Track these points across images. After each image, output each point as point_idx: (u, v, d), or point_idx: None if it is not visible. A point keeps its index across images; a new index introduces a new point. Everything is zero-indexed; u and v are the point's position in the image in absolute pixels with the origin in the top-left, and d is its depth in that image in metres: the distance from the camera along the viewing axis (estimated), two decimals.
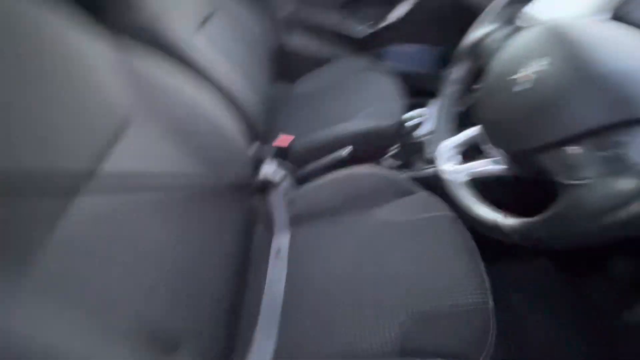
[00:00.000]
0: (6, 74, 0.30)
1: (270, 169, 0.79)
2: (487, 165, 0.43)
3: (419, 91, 1.44)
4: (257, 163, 0.84)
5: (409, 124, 0.89)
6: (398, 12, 1.24)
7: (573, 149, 0.29)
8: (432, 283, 0.55)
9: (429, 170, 0.81)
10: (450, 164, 0.47)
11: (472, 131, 0.47)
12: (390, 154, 0.94)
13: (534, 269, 0.86)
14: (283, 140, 0.90)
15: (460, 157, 0.48)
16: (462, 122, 0.53)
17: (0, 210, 0.25)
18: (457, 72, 0.53)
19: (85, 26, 0.44)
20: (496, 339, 0.46)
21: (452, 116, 0.54)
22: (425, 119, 0.88)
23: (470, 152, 0.49)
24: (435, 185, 0.55)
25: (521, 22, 0.45)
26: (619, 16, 0.52)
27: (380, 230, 0.64)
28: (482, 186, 0.45)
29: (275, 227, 0.71)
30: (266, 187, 0.76)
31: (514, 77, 0.36)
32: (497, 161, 0.41)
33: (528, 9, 0.45)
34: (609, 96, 0.28)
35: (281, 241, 0.70)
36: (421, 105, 1.44)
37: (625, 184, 0.25)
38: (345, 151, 0.87)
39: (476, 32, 0.49)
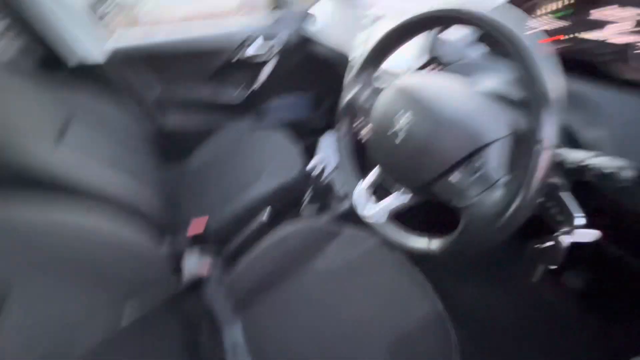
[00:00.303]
0: None
1: (193, 263, 0.72)
2: (398, 199, 0.50)
3: (305, 134, 1.57)
4: (177, 260, 0.76)
5: (312, 168, 0.95)
6: (266, 72, 1.35)
7: (454, 177, 0.38)
8: (388, 312, 0.60)
9: (346, 205, 0.88)
10: (368, 208, 0.53)
11: (374, 172, 0.55)
12: (306, 202, 0.98)
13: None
14: (197, 225, 0.85)
15: (374, 198, 0.55)
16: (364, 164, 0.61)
17: None
18: (342, 128, 0.61)
19: None
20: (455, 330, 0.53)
21: (352, 163, 0.61)
22: (325, 159, 0.96)
23: (378, 190, 0.56)
24: (356, 216, 0.61)
25: (380, 83, 0.56)
26: (434, 56, 0.69)
27: (325, 283, 0.67)
28: (402, 217, 0.52)
29: (222, 323, 0.65)
30: (196, 284, 0.69)
31: (392, 131, 0.44)
32: (405, 192, 0.49)
33: (382, 70, 0.57)
34: (460, 134, 0.38)
35: (234, 335, 0.64)
36: (313, 146, 1.58)
37: (496, 195, 0.34)
38: (265, 215, 0.87)
39: (346, 95, 0.58)
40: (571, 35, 0.59)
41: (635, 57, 0.52)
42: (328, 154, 1.00)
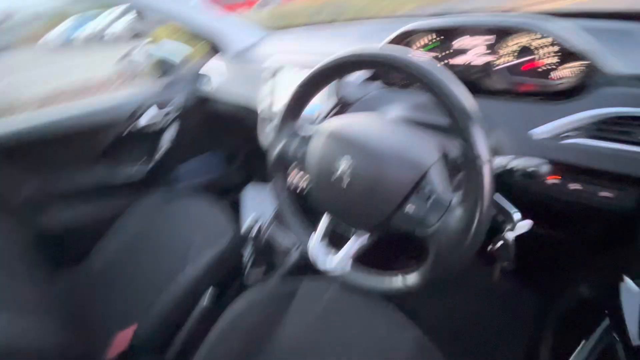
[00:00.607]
0: None
1: None
2: (357, 242, 0.48)
3: (224, 193, 1.48)
4: None
5: (248, 228, 0.88)
6: (167, 139, 1.24)
7: (409, 208, 0.38)
8: (374, 356, 0.56)
9: (295, 257, 0.83)
10: (329, 261, 0.50)
11: (325, 221, 0.52)
12: (248, 267, 0.89)
13: None
14: (120, 341, 0.67)
15: (331, 249, 0.52)
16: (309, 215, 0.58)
17: None
18: (278, 183, 0.57)
19: None
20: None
21: (299, 218, 0.58)
22: (258, 215, 0.90)
23: (333, 238, 0.54)
24: (310, 266, 0.57)
25: (303, 131, 0.55)
26: (340, 97, 0.73)
27: (300, 347, 0.59)
28: (365, 259, 0.51)
29: None
30: None
31: (335, 177, 0.44)
32: (361, 233, 0.48)
33: (305, 120, 0.56)
34: (402, 165, 0.39)
35: None
36: (236, 203, 1.49)
37: (457, 215, 0.36)
38: (206, 298, 0.75)
39: (274, 148, 0.55)
40: (444, 63, 0.70)
41: (495, 72, 0.64)
42: (258, 208, 0.94)
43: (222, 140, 1.46)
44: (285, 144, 0.53)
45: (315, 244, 0.52)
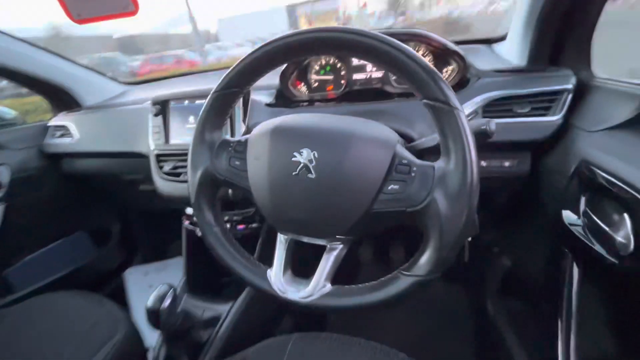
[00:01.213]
0: None
1: None
2: (332, 256, 0.38)
3: (96, 282, 1.10)
4: None
5: (156, 303, 0.63)
6: None
7: (391, 187, 0.33)
8: None
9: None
10: (301, 289, 0.37)
11: (282, 245, 0.40)
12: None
13: None
14: None
15: (297, 278, 0.40)
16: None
17: None
18: (206, 213, 0.42)
19: None
20: None
21: (242, 249, 0.43)
22: (165, 292, 0.67)
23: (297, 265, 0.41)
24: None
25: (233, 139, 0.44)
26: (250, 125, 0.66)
27: None
28: (346, 275, 0.40)
29: None
30: None
31: (295, 174, 0.35)
32: (333, 249, 0.38)
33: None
34: (371, 144, 0.34)
35: None
36: (118, 293, 1.12)
37: (448, 172, 0.32)
38: None
39: (196, 171, 0.41)
40: (347, 78, 0.74)
41: (392, 80, 0.71)
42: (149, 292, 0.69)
43: (86, 213, 1.12)
44: (211, 158, 0.41)
45: (278, 274, 0.39)
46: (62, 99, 1.01)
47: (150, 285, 1.19)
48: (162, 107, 0.71)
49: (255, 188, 0.39)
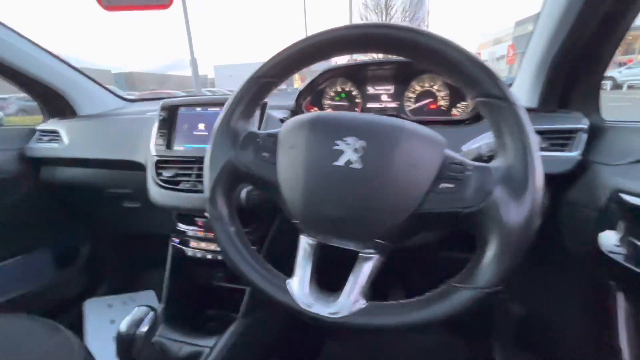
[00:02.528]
0: None
1: None
2: (366, 265, 0.32)
3: (55, 308, 0.94)
4: None
5: (125, 341, 0.52)
6: None
7: (444, 186, 0.29)
8: None
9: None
10: (322, 306, 0.31)
11: (307, 249, 0.34)
12: None
13: None
14: None
15: (322, 290, 0.33)
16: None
17: None
18: (224, 210, 0.36)
19: None
20: None
21: (258, 255, 0.37)
22: (143, 315, 0.56)
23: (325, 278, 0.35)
24: None
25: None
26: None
27: None
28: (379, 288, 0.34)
29: None
30: None
31: (336, 164, 0.31)
32: (367, 258, 0.32)
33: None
34: (423, 139, 0.31)
35: None
36: (75, 321, 0.96)
37: (510, 167, 0.29)
38: None
39: (216, 165, 0.37)
40: (362, 108, 0.74)
41: (407, 112, 0.72)
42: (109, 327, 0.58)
43: (54, 229, 1.00)
44: (236, 148, 0.37)
45: (303, 285, 0.33)
46: (57, 105, 0.96)
47: (112, 321, 1.03)
48: (170, 113, 0.68)
49: (286, 181, 0.35)
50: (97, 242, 1.10)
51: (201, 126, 0.65)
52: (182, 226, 0.70)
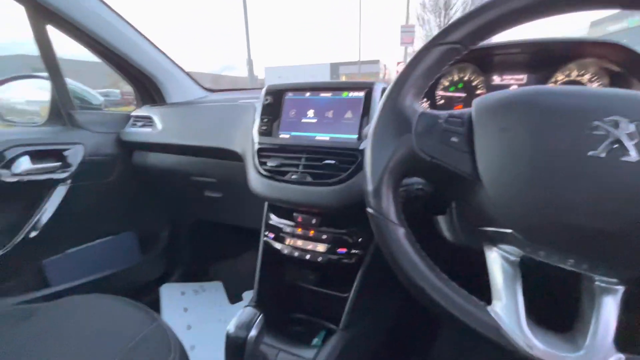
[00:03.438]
0: None
1: None
2: (610, 312, 0.22)
3: (133, 291, 0.96)
4: None
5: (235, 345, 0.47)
6: (54, 202, 0.77)
7: None
8: None
9: None
10: (557, 350, 0.22)
11: (513, 277, 0.25)
12: None
13: None
14: None
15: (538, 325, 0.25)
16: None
17: None
18: (391, 210, 0.29)
19: None
20: None
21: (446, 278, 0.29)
22: (251, 317, 0.51)
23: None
24: None
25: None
26: None
27: None
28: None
29: None
30: None
31: (594, 153, 0.22)
32: (608, 291, 0.23)
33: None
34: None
35: None
36: (154, 304, 0.97)
37: None
38: None
39: (385, 152, 0.30)
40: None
41: None
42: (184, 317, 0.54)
43: (139, 213, 1.02)
44: (414, 131, 0.29)
45: (516, 316, 0.24)
46: (150, 91, 0.98)
47: (186, 309, 1.03)
48: (276, 98, 0.63)
49: (492, 174, 0.26)
50: (176, 228, 1.11)
51: (310, 113, 0.60)
52: (275, 220, 0.65)
